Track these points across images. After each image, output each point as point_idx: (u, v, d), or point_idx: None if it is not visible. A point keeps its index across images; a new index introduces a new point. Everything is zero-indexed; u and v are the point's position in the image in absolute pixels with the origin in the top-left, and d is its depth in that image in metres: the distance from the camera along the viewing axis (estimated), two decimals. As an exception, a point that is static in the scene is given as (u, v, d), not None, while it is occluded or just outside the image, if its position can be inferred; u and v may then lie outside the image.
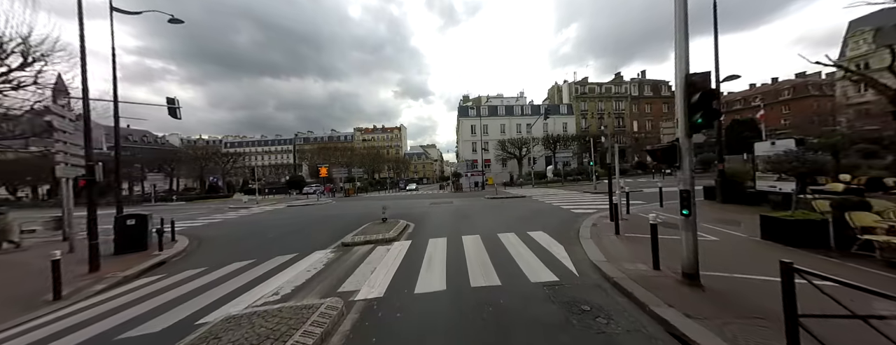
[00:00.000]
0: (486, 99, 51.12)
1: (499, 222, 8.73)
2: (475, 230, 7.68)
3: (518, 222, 8.59)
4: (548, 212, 10.57)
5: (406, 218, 10.35)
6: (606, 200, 12.51)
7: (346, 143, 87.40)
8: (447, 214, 11.00)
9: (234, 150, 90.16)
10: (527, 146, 37.66)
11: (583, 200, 13.47)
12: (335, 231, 8.57)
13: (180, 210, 19.46)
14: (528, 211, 10.96)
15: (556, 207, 11.65)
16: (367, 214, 12.59)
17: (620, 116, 49.29)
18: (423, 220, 9.93)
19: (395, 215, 11.24)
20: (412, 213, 12.00)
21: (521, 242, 6.35)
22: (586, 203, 12.11)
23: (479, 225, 8.39)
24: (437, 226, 8.59)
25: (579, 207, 10.95)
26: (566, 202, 12.78)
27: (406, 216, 10.94)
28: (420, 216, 10.91)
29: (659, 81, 51.39)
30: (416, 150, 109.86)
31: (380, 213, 9.48)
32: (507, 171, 44.01)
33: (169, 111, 14.48)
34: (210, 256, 6.83)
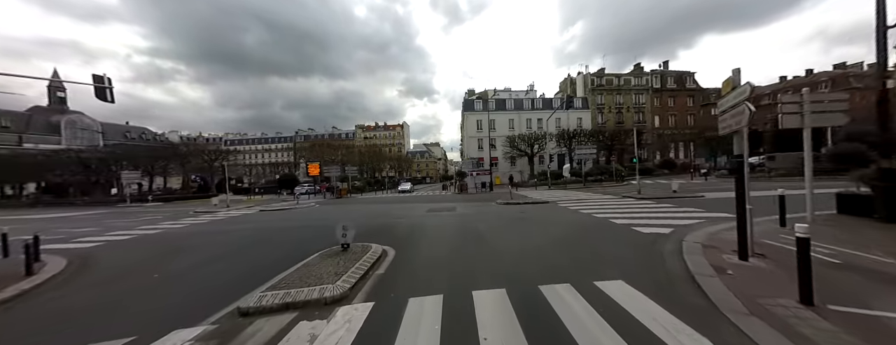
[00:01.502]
0: (493, 92, 47.57)
1: (532, 253, 5.36)
2: (496, 273, 4.33)
3: (564, 254, 5.21)
4: (596, 229, 7.15)
5: (386, 238, 7.05)
6: (665, 210, 9.05)
7: (348, 140, 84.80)
8: (448, 233, 7.64)
9: (234, 147, 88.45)
10: (539, 143, 34.07)
11: (630, 209, 9.97)
12: (260, 267, 5.30)
13: (128, 215, 16.56)
14: (568, 228, 7.56)
15: (602, 220, 8.20)
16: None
17: (640, 110, 45.23)
18: (409, 243, 6.59)
19: (372, 232, 7.95)
20: (397, 229, 8.67)
21: (595, 315, 2.99)
22: (643, 215, 8.63)
23: (501, 260, 5.02)
24: (431, 260, 5.25)
25: (638, 222, 7.50)
26: (611, 213, 9.31)
27: (386, 234, 7.64)
28: (407, 235, 7.58)
29: (683, 73, 47.09)
30: (419, 148, 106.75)
31: (363, 221, 6.23)
32: (517, 170, 40.45)
33: (96, 92, 11.47)
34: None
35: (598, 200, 13.23)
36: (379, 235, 7.47)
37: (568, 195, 16.46)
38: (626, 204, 11.10)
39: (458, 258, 5.19)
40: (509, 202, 13.32)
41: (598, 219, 8.33)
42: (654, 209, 9.42)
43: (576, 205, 11.77)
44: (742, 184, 4.48)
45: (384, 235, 7.43)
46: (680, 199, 11.32)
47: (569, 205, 11.88)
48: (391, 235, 7.42)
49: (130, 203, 27.32)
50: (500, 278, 4.12)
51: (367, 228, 8.75)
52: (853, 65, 54.75)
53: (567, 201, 13.14)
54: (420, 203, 16.64)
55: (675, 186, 12.37)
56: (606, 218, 8.31)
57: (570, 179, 25.05)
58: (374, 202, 19.09)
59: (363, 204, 18.07)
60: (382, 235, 7.59)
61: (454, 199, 19.20)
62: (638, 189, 13.00)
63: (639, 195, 12.54)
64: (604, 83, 44.46)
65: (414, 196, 24.14)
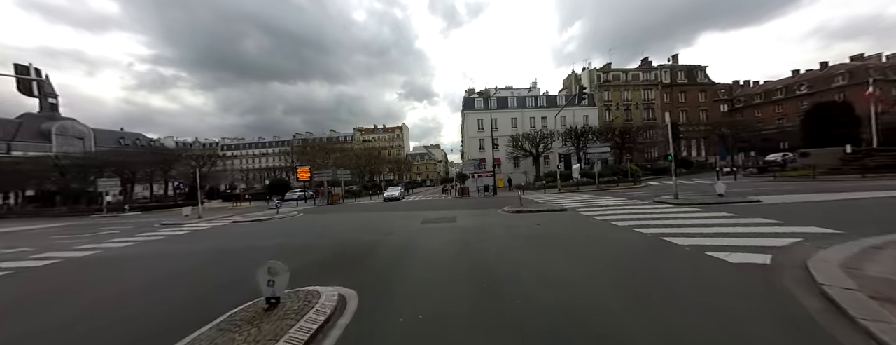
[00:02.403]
0: (494, 90, 45.64)
1: (581, 311, 3.27)
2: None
3: (634, 314, 3.11)
4: (655, 256, 5.05)
5: (354, 272, 5.00)
6: (726, 222, 6.65)
7: (346, 143, 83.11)
8: (446, 263, 5.43)
9: (230, 152, 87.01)
10: (545, 142, 31.97)
11: (677, 220, 7.84)
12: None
13: (87, 229, 14.61)
14: (612, 253, 5.47)
15: (652, 239, 6.09)
16: (309, 247, 7.32)
17: (650, 106, 43.07)
18: (386, 284, 4.39)
19: (339, 261, 5.90)
20: (378, 252, 6.61)
21: None
22: (702, 230, 6.51)
23: (535, 324, 2.95)
24: (416, 326, 3.15)
25: (708, 243, 5.38)
26: (655, 225, 7.22)
27: (358, 265, 5.56)
28: (387, 266, 5.46)
29: (693, 67, 44.98)
30: (419, 150, 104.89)
31: (339, 239, 4.34)
32: (521, 171, 38.32)
33: (18, 86, 9.58)
34: None
35: (625, 206, 11.11)
36: (347, 266, 5.42)
37: (584, 200, 14.34)
38: (665, 212, 8.98)
39: (463, 320, 3.10)
40: (519, 210, 11.23)
41: (644, 236, 6.22)
42: (709, 221, 7.29)
43: (600, 213, 9.67)
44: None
45: (354, 267, 5.37)
46: (732, 205, 9.19)
47: (592, 213, 9.78)
48: (364, 267, 5.35)
49: (107, 213, 25.51)
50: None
51: (335, 251, 6.71)
52: (870, 56, 52.34)
53: (587, 208, 11.03)
54: (415, 211, 14.58)
55: (720, 189, 10.25)
56: (656, 235, 6.20)
57: (580, 181, 22.93)
58: (365, 210, 17.06)
59: (352, 212, 16.04)
60: (352, 265, 5.53)
61: (454, 205, 17.12)
62: (674, 193, 10.86)
63: (676, 200, 10.40)
64: (611, 79, 42.40)
65: (409, 203, 22.08)
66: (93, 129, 63.60)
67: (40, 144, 51.82)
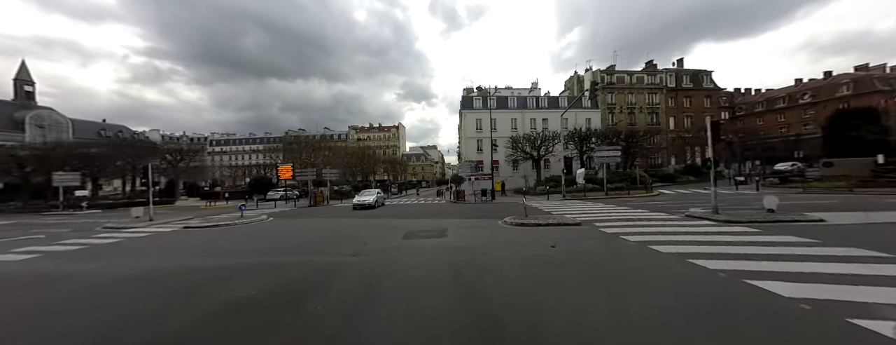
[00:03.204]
0: (494, 90, 43.89)
1: None
2: None
3: None
4: (745, 314, 3.12)
5: (266, 337, 2.96)
6: (807, 251, 5.00)
7: (339, 141, 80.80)
8: (424, 311, 3.52)
9: (219, 148, 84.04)
10: (547, 145, 30.17)
11: (736, 245, 5.99)
12: None
13: (16, 229, 12.32)
14: (671, 304, 3.51)
15: (741, 283, 4.14)
16: (241, 275, 5.24)
17: (654, 111, 41.62)
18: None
19: (265, 304, 3.80)
20: (332, 287, 4.64)
21: None
22: (790, 266, 4.63)
23: None
24: None
25: (840, 295, 3.46)
26: (723, 257, 5.32)
27: (278, 322, 3.53)
28: (329, 329, 3.47)
29: (699, 71, 43.72)
30: (415, 151, 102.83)
31: (289, 261, 2.93)
32: (520, 174, 36.49)
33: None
34: None
35: (651, 220, 9.22)
36: (269, 323, 3.38)
37: (596, 210, 12.45)
38: (711, 233, 7.10)
39: None
40: (524, 222, 9.28)
41: (716, 276, 4.28)
42: (788, 250, 5.41)
43: (625, 229, 7.76)
44: None
45: (279, 324, 3.33)
46: (794, 226, 7.35)
47: (615, 230, 7.86)
48: (296, 325, 3.32)
49: (63, 210, 23.03)
50: None
51: (273, 285, 4.66)
52: (875, 67, 51.77)
53: (606, 222, 9.12)
54: (400, 219, 12.56)
55: (770, 203, 8.41)
56: (731, 273, 4.27)
57: (586, 187, 21.12)
58: (345, 216, 14.99)
59: (329, 218, 13.97)
60: (279, 320, 3.48)
61: (447, 211, 15.13)
62: (713, 206, 8.98)
63: (717, 215, 8.53)
64: (614, 81, 40.89)
65: (397, 208, 20.03)
66: (72, 119, 60.64)
67: (11, 133, 48.72)
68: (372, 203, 18.11)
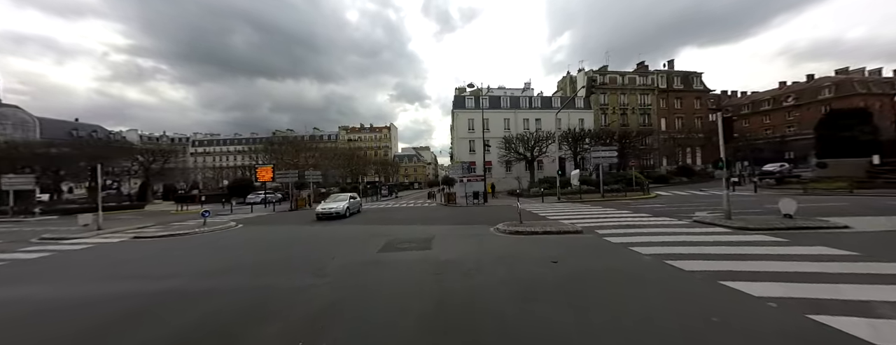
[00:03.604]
0: (486, 89, 43.15)
1: None
2: None
3: None
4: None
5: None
6: (835, 261, 4.33)
7: (329, 142, 78.77)
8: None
9: (202, 149, 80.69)
10: (540, 145, 29.47)
11: (776, 261, 5.13)
12: None
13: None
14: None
15: (812, 324, 3.18)
16: (163, 310, 4.00)
17: (646, 111, 41.61)
18: None
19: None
20: (269, 328, 3.41)
21: None
22: (874, 293, 3.67)
23: None
24: None
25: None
26: (765, 278, 4.42)
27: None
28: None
29: (690, 73, 44.04)
30: (408, 152, 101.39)
31: (236, 286, 2.84)
32: (513, 176, 35.72)
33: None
34: None
35: (657, 227, 8.36)
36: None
37: (595, 214, 11.58)
38: (732, 243, 6.24)
39: None
40: (519, 230, 8.27)
41: (757, 303, 3.33)
42: (829, 265, 4.55)
43: (632, 238, 6.84)
44: None
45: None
46: (819, 233, 6.57)
47: (622, 239, 6.93)
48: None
49: (13, 216, 20.90)
50: None
51: (197, 324, 3.48)
52: (855, 70, 53.46)
53: (610, 229, 8.20)
54: (382, 226, 11.41)
55: (788, 207, 7.66)
56: (784, 300, 3.33)
57: (581, 189, 20.38)
58: (323, 222, 13.74)
59: (304, 225, 12.68)
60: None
61: (436, 216, 14.04)
62: (726, 211, 8.16)
63: (730, 222, 7.71)
64: (607, 81, 40.70)
65: (380, 212, 18.84)
66: (39, 118, 57.08)
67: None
68: (340, 212, 14.40)
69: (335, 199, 16.24)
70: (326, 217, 14.12)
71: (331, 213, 14.24)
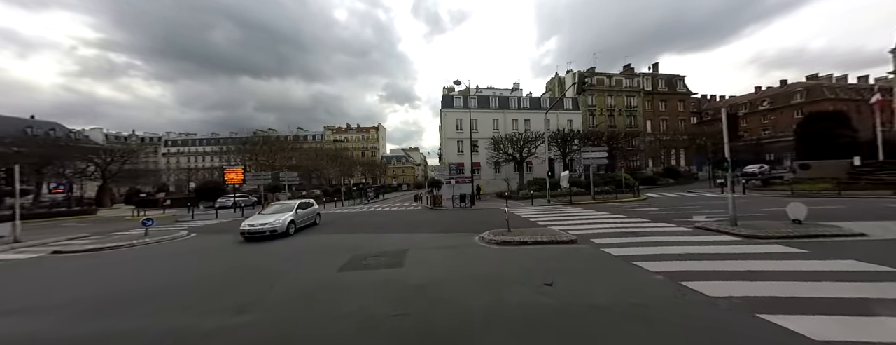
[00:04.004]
0: (475, 89, 42.42)
1: None
2: None
3: None
4: None
5: None
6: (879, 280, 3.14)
7: (314, 143, 76.09)
8: None
9: (175, 149, 76.08)
10: (530, 146, 28.85)
11: (815, 282, 4.32)
12: None
13: None
14: None
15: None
16: None
17: (633, 113, 42.00)
18: None
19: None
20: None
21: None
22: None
23: None
24: None
25: None
26: (807, 309, 3.50)
27: None
28: None
29: (674, 76, 44.88)
30: (396, 153, 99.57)
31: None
32: (502, 177, 35.00)
33: None
34: None
35: (658, 233, 7.56)
36: None
37: (588, 219, 10.77)
38: (743, 252, 5.45)
39: None
40: (506, 240, 7.26)
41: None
42: (877, 287, 3.74)
43: (633, 250, 5.95)
44: None
45: None
46: (839, 242, 5.89)
47: (622, 251, 6.03)
48: None
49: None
50: None
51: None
52: (824, 76, 56.29)
53: (606, 237, 7.32)
54: (352, 235, 10.16)
55: (797, 211, 7.02)
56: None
57: (571, 191, 19.75)
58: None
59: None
60: None
61: (418, 221, 12.89)
62: (731, 216, 7.43)
63: (738, 229, 6.98)
64: (595, 83, 40.82)
65: (355, 217, 17.53)
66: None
67: None
68: (278, 229, 9.75)
69: (275, 210, 11.24)
70: (255, 237, 9.49)
71: (262, 231, 9.50)
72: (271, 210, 11.40)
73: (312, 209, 12.89)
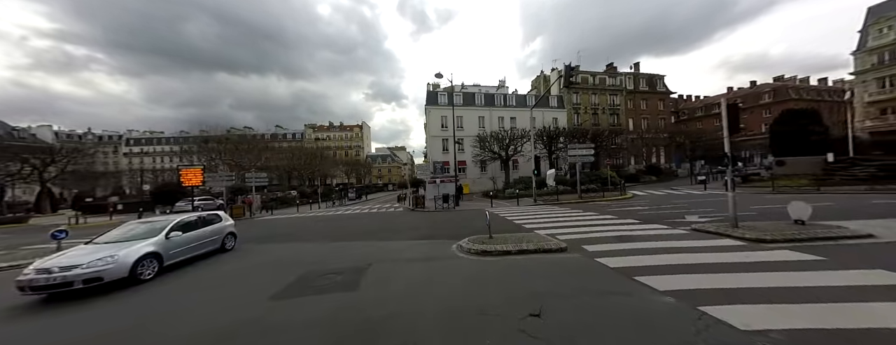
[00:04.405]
0: (461, 86, 41.46)
1: None
2: None
3: None
4: None
5: None
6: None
7: (294, 141, 72.67)
8: None
9: (138, 148, 70.27)
10: (516, 144, 28.22)
11: (855, 305, 3.44)
12: None
13: None
14: None
15: None
16: None
17: (615, 112, 42.48)
18: None
19: None
20: None
21: None
22: None
23: None
24: None
25: None
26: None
27: None
28: None
29: (654, 75, 45.82)
30: (382, 152, 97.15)
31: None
32: (488, 176, 34.29)
33: None
34: None
35: (651, 238, 6.83)
36: None
37: (576, 220, 10.00)
38: (755, 260, 4.73)
39: None
40: (486, 250, 6.27)
41: None
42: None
43: (630, 260, 5.12)
44: None
45: None
46: (852, 246, 5.31)
47: (615, 259, 5.18)
48: None
49: None
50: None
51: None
52: (788, 78, 59.64)
53: (596, 242, 6.50)
54: (310, 244, 8.89)
55: (800, 211, 6.48)
56: None
57: (557, 189, 19.18)
58: (242, 234, 10.84)
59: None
60: None
61: (395, 225, 11.73)
62: (732, 217, 6.80)
63: (740, 232, 6.33)
64: (579, 81, 40.86)
65: (335, 220, 16.18)
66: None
67: None
68: (99, 275, 5.13)
69: (124, 234, 6.51)
70: (52, 293, 4.98)
71: (64, 283, 4.93)
72: (117, 235, 6.53)
73: (216, 228, 8.08)
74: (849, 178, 15.17)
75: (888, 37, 29.13)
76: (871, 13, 30.91)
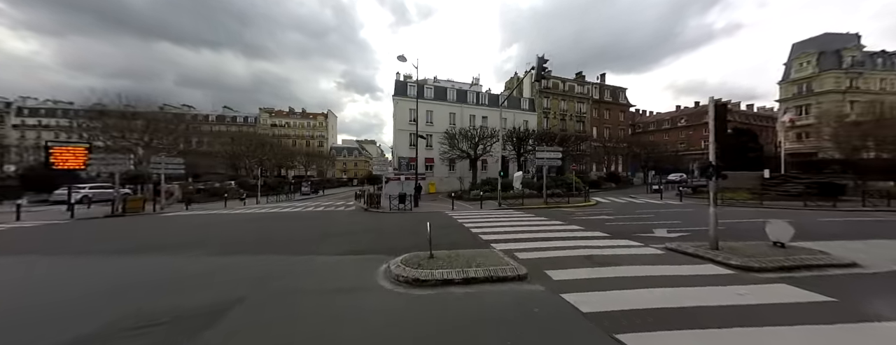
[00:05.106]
0: (433, 79, 39.56)
1: None
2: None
3: None
4: None
5: None
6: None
7: (246, 126, 64.86)
8: None
9: (37, 121, 56.96)
10: (485, 143, 27.16)
11: None
12: None
13: None
14: None
15: None
16: None
17: (582, 119, 43.84)
18: None
19: None
20: None
21: None
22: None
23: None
24: None
25: None
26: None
27: None
28: None
29: (617, 88, 48.25)
30: (349, 144, 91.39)
31: None
32: (456, 175, 32.95)
33: None
34: None
35: (625, 262, 5.71)
36: None
37: (540, 232, 8.79)
38: (755, 302, 3.65)
39: None
40: (420, 278, 4.55)
41: None
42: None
43: (606, 300, 3.78)
44: None
45: None
46: (842, 278, 4.56)
47: (586, 296, 3.81)
48: None
49: None
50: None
51: None
52: (726, 100, 67.65)
53: (563, 267, 5.16)
54: (180, 261, 6.49)
55: (781, 233, 5.79)
56: None
57: (523, 193, 18.32)
58: (59, 246, 7.94)
59: (51, 253, 6.79)
60: None
61: (333, 230, 9.54)
62: (712, 237, 5.93)
63: (722, 253, 5.41)
64: (551, 86, 41.41)
65: (258, 220, 13.49)
66: None
67: None
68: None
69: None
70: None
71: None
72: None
73: None
74: (783, 193, 16.28)
75: (806, 70, 33.47)
76: (795, 49, 35.33)
